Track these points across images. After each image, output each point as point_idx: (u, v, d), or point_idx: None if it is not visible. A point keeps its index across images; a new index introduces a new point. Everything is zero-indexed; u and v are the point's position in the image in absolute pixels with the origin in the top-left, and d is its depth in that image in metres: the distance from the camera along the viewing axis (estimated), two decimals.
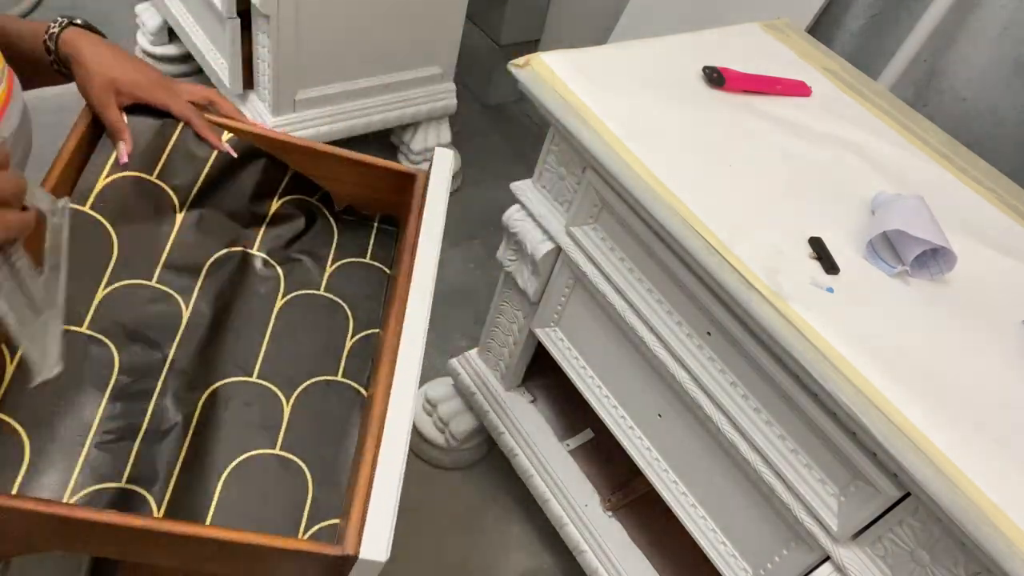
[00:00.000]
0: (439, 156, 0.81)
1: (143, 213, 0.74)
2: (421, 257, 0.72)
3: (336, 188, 0.84)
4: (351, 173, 0.83)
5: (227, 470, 0.65)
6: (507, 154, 1.97)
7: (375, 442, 0.59)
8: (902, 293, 0.73)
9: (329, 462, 0.67)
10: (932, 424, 0.62)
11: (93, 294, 0.69)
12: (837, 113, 0.95)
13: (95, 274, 0.70)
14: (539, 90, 0.86)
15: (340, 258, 0.83)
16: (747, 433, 0.77)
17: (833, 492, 0.72)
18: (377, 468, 0.57)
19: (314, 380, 0.72)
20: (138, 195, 0.74)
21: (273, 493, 0.64)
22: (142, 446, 0.63)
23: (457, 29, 1.60)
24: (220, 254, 0.77)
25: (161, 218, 0.75)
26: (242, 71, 1.48)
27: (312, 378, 0.72)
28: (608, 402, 0.98)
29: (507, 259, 1.04)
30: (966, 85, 1.20)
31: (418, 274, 0.70)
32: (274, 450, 0.67)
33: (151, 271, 0.72)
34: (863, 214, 0.81)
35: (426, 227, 0.75)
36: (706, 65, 0.93)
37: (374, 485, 0.56)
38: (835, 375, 0.65)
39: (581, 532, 1.09)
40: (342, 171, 0.82)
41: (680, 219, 0.74)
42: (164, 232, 0.75)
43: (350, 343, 0.76)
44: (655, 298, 0.85)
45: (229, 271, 0.76)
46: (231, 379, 0.70)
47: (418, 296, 0.69)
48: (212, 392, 0.69)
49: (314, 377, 0.72)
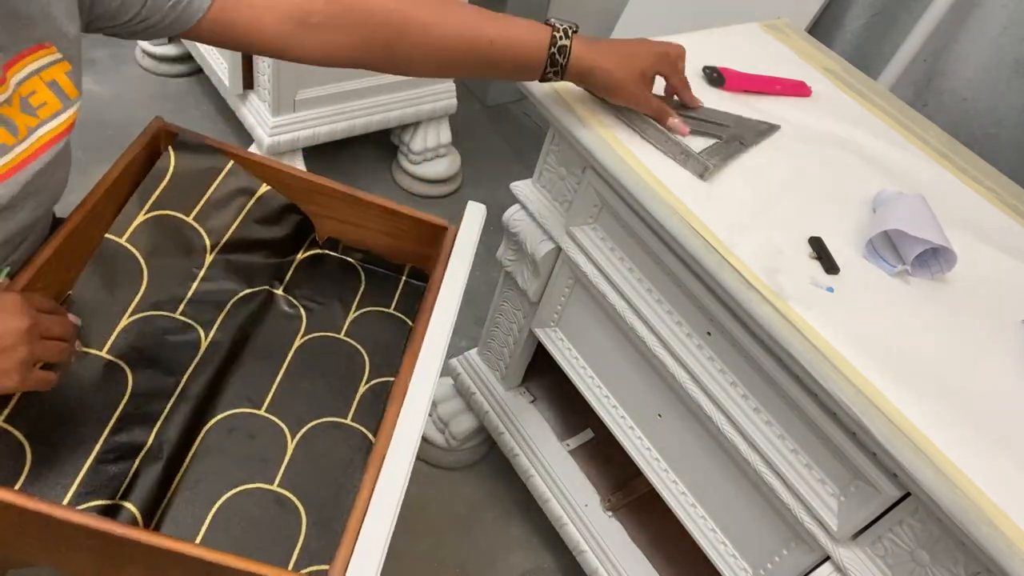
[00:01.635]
0: (471, 209, 0.80)
1: (176, 251, 0.76)
2: (441, 305, 0.71)
3: (366, 235, 0.84)
4: (381, 220, 0.82)
5: (221, 499, 0.64)
6: (507, 154, 1.97)
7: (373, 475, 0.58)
8: (902, 292, 0.73)
9: (326, 504, 0.66)
10: (932, 424, 0.62)
11: (117, 322, 0.70)
12: (837, 113, 0.95)
13: (123, 303, 0.71)
14: (539, 90, 0.86)
15: (364, 306, 0.83)
16: (747, 433, 0.77)
17: (833, 492, 0.72)
18: (369, 511, 0.56)
19: (322, 420, 0.71)
20: (173, 234, 0.76)
21: (265, 528, 0.63)
22: (140, 467, 0.63)
23: None
24: (244, 293, 0.78)
25: (192, 258, 0.77)
26: (242, 71, 1.48)
27: (320, 418, 0.71)
28: (608, 402, 0.98)
29: (507, 259, 1.04)
30: (966, 85, 1.20)
31: (435, 322, 0.69)
32: (271, 486, 0.66)
33: (176, 306, 0.74)
34: (863, 214, 0.81)
35: (449, 278, 0.73)
36: (706, 65, 0.93)
37: (362, 530, 0.55)
38: (835, 375, 0.65)
39: (581, 532, 1.09)
40: (373, 218, 0.82)
41: (679, 219, 0.74)
42: (193, 271, 0.76)
43: (364, 388, 0.75)
44: (655, 298, 0.85)
45: (252, 308, 0.77)
46: (239, 410, 0.70)
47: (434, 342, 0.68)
48: (217, 421, 0.69)
49: (323, 418, 0.72)
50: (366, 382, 0.76)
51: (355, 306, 0.82)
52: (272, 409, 0.71)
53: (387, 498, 0.57)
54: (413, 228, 0.82)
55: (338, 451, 0.70)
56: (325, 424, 0.71)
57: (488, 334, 1.16)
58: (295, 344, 0.77)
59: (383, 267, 0.86)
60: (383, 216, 0.81)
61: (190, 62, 1.86)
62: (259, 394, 0.71)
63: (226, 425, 0.69)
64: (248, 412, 0.70)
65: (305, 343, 0.77)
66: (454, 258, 0.75)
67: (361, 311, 0.82)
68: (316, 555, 0.62)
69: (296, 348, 0.76)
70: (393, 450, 0.60)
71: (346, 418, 0.72)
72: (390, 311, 0.83)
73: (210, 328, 0.73)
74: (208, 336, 0.73)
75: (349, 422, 0.72)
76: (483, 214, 0.80)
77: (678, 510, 0.90)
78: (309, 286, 0.82)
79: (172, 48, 1.86)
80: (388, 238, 0.83)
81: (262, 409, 0.71)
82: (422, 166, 1.75)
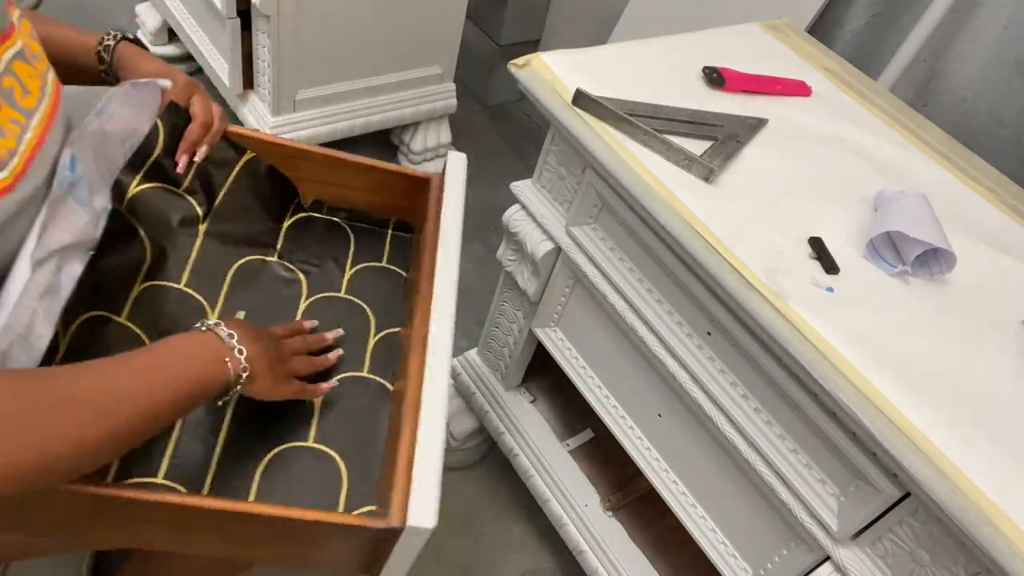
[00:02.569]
0: (453, 159, 0.82)
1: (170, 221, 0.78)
2: (443, 255, 0.73)
3: (349, 194, 0.86)
4: (363, 178, 0.85)
5: (263, 462, 0.67)
6: (506, 154, 1.97)
7: (412, 421, 0.60)
8: (902, 293, 0.73)
9: (361, 453, 0.69)
10: (932, 424, 0.62)
11: (130, 290, 0.72)
12: (837, 113, 0.95)
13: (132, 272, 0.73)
14: (539, 90, 0.86)
15: (358, 262, 0.86)
16: (747, 433, 0.77)
17: (833, 492, 0.72)
18: (418, 443, 0.59)
19: (342, 376, 0.75)
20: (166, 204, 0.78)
21: (309, 483, 0.66)
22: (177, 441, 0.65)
23: (458, 29, 1.60)
24: (241, 262, 0.80)
25: (187, 228, 0.79)
26: (242, 71, 1.48)
27: (340, 374, 0.75)
28: (608, 402, 0.98)
29: (507, 259, 1.04)
30: (966, 85, 1.20)
31: (442, 272, 0.72)
32: (307, 443, 0.69)
33: (179, 275, 0.76)
34: (863, 214, 0.81)
35: (446, 226, 0.76)
36: (706, 65, 0.93)
37: (415, 459, 0.58)
38: (835, 375, 0.65)
39: (581, 532, 1.09)
40: (355, 177, 0.85)
41: (680, 219, 0.74)
42: (189, 241, 0.78)
43: (373, 341, 0.79)
44: (655, 298, 0.85)
45: (252, 279, 0.80)
46: None
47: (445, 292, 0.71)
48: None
49: (341, 373, 0.75)
50: (374, 335, 0.79)
51: (349, 263, 0.85)
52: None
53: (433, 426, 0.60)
54: (396, 183, 0.85)
55: (361, 403, 0.73)
56: (345, 379, 0.74)
57: (488, 334, 1.16)
58: (300, 307, 0.79)
59: (368, 223, 0.89)
60: (366, 173, 0.84)
61: (190, 62, 1.86)
62: None
63: None
64: None
65: (310, 305, 0.80)
66: (447, 200, 0.78)
67: (356, 268, 0.85)
68: (360, 500, 0.66)
69: (302, 312, 0.79)
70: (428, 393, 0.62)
71: (363, 371, 0.76)
72: (383, 264, 0.86)
73: (215, 302, 0.76)
74: (216, 308, 0.76)
75: (367, 374, 0.76)
76: (464, 161, 0.83)
77: (678, 510, 0.90)
78: (301, 250, 0.84)
79: (172, 48, 1.86)
80: (371, 194, 0.86)
81: None
82: (422, 166, 1.75)
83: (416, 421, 0.60)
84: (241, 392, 0.61)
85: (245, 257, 0.81)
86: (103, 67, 0.77)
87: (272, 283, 0.81)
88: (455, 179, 0.80)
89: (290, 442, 0.68)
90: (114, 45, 0.77)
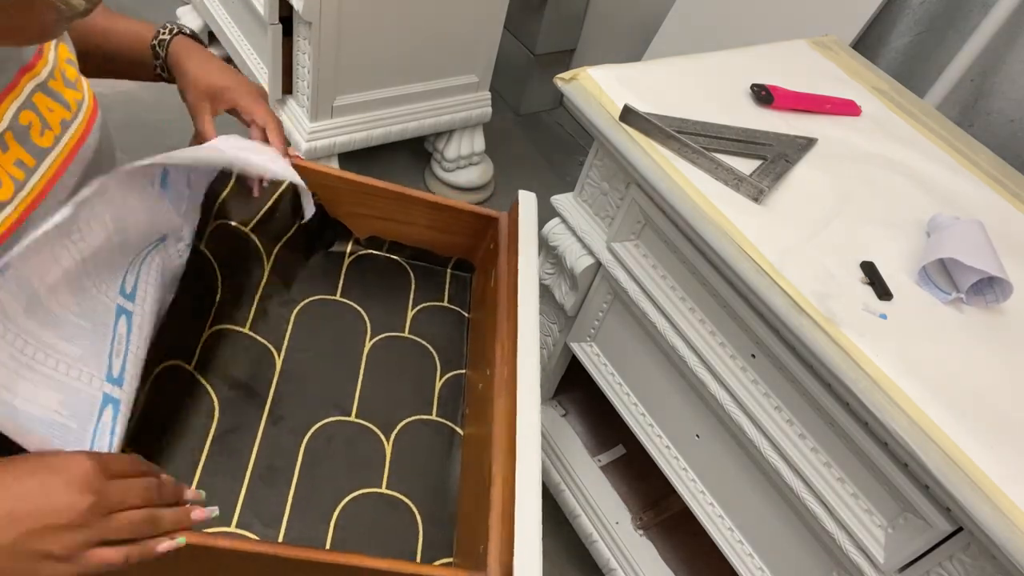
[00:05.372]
0: (523, 198, 0.80)
1: (240, 260, 0.78)
2: (523, 296, 0.71)
3: (410, 231, 0.85)
4: (430, 215, 0.83)
5: (337, 510, 0.65)
6: (539, 163, 1.97)
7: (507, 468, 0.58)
8: (956, 320, 0.72)
9: (434, 499, 0.68)
10: (989, 458, 0.61)
11: (201, 334, 0.72)
12: (888, 134, 0.94)
13: (202, 314, 0.73)
14: (585, 105, 0.85)
15: (419, 302, 0.85)
16: (791, 459, 0.76)
17: (880, 523, 0.70)
18: (517, 492, 0.56)
19: (411, 420, 0.74)
20: (236, 243, 0.78)
21: (384, 531, 0.65)
22: (248, 490, 0.64)
23: (495, 38, 1.60)
24: (305, 303, 0.80)
25: (252, 267, 0.79)
26: (282, 77, 1.49)
27: (408, 418, 0.74)
28: (644, 420, 0.97)
29: (544, 272, 1.03)
30: (1015, 107, 1.17)
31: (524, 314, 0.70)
32: (380, 488, 0.68)
33: (245, 318, 0.76)
34: (915, 237, 0.79)
35: (523, 267, 0.74)
36: (754, 83, 0.92)
37: (516, 514, 0.55)
38: (889, 405, 0.63)
39: (611, 550, 1.08)
40: (421, 214, 0.83)
41: (729, 239, 0.73)
42: (255, 282, 0.78)
43: (439, 384, 0.78)
44: (697, 318, 0.84)
45: (315, 318, 0.79)
46: (331, 419, 0.72)
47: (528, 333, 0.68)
48: (314, 433, 0.70)
49: (409, 417, 0.74)
50: (440, 378, 0.78)
51: (411, 303, 0.84)
52: (361, 414, 0.73)
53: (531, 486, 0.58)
54: (462, 221, 0.83)
55: (431, 447, 0.72)
56: (414, 423, 0.74)
57: None
58: (365, 348, 0.78)
59: (427, 261, 0.88)
60: (433, 211, 0.82)
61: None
62: (344, 402, 0.73)
63: (322, 435, 0.70)
64: (339, 420, 0.72)
65: (374, 346, 0.79)
66: (522, 243, 0.75)
67: (418, 308, 0.84)
68: (438, 549, 0.65)
69: (367, 353, 0.78)
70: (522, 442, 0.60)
71: (431, 414, 0.75)
72: (444, 304, 0.85)
73: (281, 343, 0.75)
74: (281, 354, 0.75)
75: (435, 418, 0.75)
76: (535, 202, 0.81)
77: (714, 533, 0.89)
78: (361, 288, 0.83)
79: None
80: (434, 232, 0.84)
81: (352, 415, 0.72)
82: (455, 173, 1.75)
83: (512, 468, 0.58)
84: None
85: (307, 298, 0.80)
86: (158, 62, 0.75)
87: (333, 320, 0.79)
88: (527, 218, 0.78)
89: (362, 488, 0.67)
90: (169, 39, 0.74)
